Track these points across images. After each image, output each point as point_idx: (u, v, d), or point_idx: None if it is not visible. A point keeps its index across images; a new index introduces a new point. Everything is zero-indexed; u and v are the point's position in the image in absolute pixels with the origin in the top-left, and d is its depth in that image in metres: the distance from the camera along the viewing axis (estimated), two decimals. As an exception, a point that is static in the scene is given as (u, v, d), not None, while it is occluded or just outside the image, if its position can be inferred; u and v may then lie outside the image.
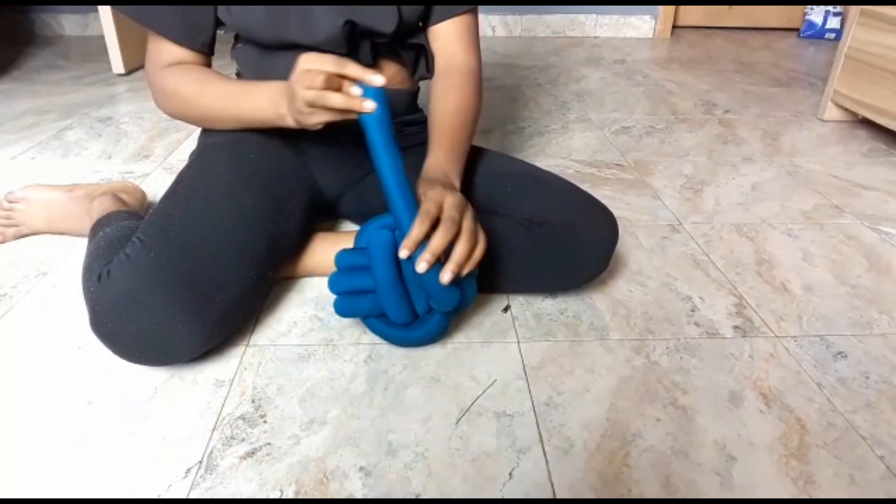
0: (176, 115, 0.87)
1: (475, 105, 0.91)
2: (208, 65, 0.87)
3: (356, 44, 0.84)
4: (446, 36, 0.92)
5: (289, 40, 0.82)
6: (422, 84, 1.01)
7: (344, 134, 0.91)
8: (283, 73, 0.84)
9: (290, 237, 0.86)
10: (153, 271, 0.71)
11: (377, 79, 0.66)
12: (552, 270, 0.87)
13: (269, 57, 0.86)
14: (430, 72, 0.94)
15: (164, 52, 0.84)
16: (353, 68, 0.67)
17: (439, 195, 0.72)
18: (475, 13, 0.93)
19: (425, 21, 0.91)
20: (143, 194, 1.10)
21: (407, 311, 0.76)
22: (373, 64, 0.87)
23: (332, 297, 0.91)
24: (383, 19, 0.81)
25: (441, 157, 0.83)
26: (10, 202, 1.05)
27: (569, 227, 0.84)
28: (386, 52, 0.89)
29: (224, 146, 0.86)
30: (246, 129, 0.85)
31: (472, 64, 0.93)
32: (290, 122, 0.76)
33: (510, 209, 0.87)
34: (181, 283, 0.71)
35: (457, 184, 0.81)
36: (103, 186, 1.05)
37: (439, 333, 0.80)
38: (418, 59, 0.92)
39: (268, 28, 0.82)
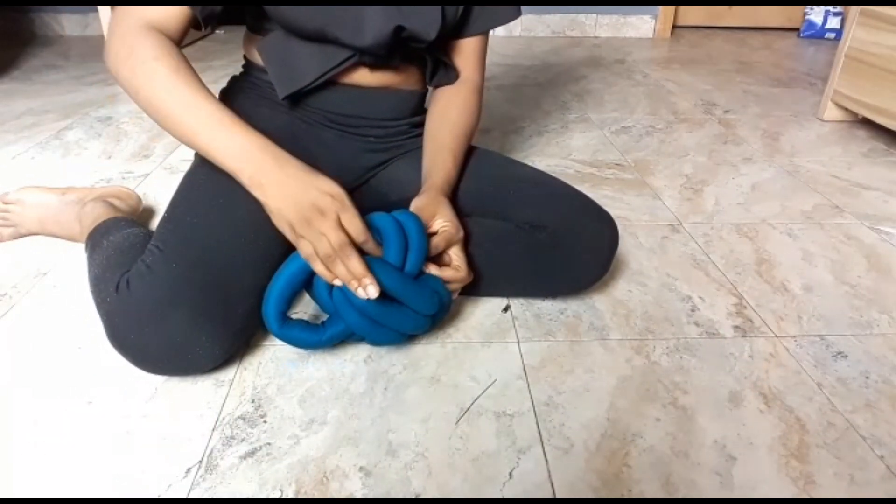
0: (126, 84, 0.72)
1: (476, 119, 0.96)
2: (186, 32, 0.78)
3: (396, 48, 0.83)
4: (463, 50, 0.94)
5: (331, 36, 0.80)
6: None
7: (347, 137, 0.92)
8: (310, 61, 0.83)
9: None
10: (176, 283, 0.70)
11: (371, 291, 0.69)
12: (552, 275, 0.87)
13: (297, 47, 0.83)
14: (452, 80, 0.94)
15: (150, 8, 0.73)
16: (366, 254, 0.71)
17: (454, 241, 0.79)
18: (488, 33, 0.96)
19: (457, 33, 0.92)
20: (138, 200, 1.10)
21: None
22: (399, 67, 0.88)
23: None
24: (428, 26, 0.81)
25: (453, 171, 0.87)
26: (5, 203, 1.05)
27: (569, 233, 0.84)
28: (412, 57, 0.89)
29: None
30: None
31: (479, 80, 0.97)
32: (245, 182, 0.70)
33: (511, 213, 0.87)
34: (205, 294, 0.71)
35: (442, 189, 0.84)
36: (96, 191, 1.05)
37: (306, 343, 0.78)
38: (437, 69, 0.93)
39: (313, 22, 0.79)
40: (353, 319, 0.73)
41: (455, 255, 0.80)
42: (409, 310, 0.74)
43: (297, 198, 0.68)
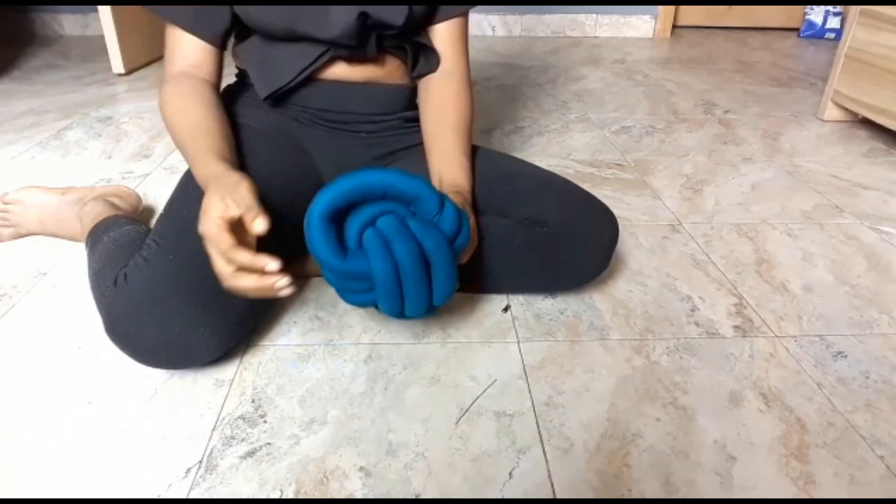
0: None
1: (473, 110, 0.94)
2: (220, 61, 0.86)
3: (365, 37, 0.84)
4: (442, 37, 0.92)
5: (301, 33, 0.81)
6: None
7: (339, 134, 0.92)
8: (288, 65, 0.85)
9: (299, 235, 0.86)
10: (173, 274, 0.71)
11: (259, 224, 0.64)
12: (553, 270, 0.88)
13: (274, 48, 0.85)
14: (434, 68, 0.94)
15: (178, 46, 0.82)
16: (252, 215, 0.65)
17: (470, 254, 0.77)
18: (467, 17, 0.95)
19: (429, 19, 0.91)
20: (138, 199, 1.10)
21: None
22: (377, 57, 0.88)
23: (332, 296, 0.91)
24: (394, 12, 0.81)
25: (458, 171, 0.84)
26: (5, 204, 1.05)
27: (569, 227, 0.84)
28: (389, 47, 0.89)
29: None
30: (251, 130, 0.87)
31: (465, 69, 0.95)
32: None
33: (511, 209, 0.87)
34: (201, 285, 0.71)
35: (469, 196, 0.83)
36: (96, 190, 1.05)
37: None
38: (418, 56, 0.92)
39: (281, 20, 0.81)
40: (379, 266, 0.67)
41: None
42: (428, 288, 0.70)
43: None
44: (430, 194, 0.69)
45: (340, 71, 0.88)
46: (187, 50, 0.83)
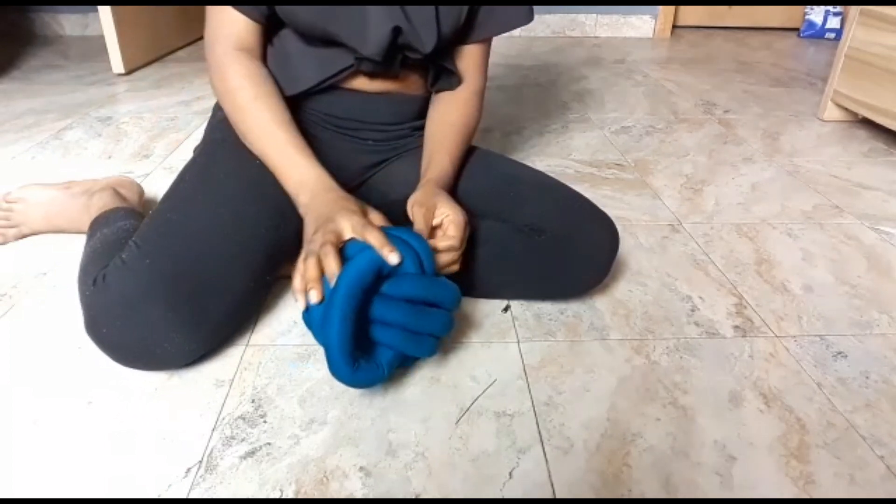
0: (221, 105, 0.85)
1: (478, 121, 0.95)
2: (265, 43, 0.86)
3: (393, 54, 0.83)
4: (466, 56, 0.93)
5: (334, 36, 0.81)
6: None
7: (345, 139, 0.92)
8: (308, 71, 0.85)
9: (291, 242, 0.86)
10: (148, 278, 0.71)
11: (393, 258, 0.68)
12: (551, 278, 0.87)
13: (297, 51, 0.85)
14: (454, 87, 0.94)
15: (226, 23, 0.81)
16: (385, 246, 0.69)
17: (464, 227, 0.77)
18: (490, 39, 0.95)
19: (459, 41, 0.91)
20: (141, 189, 1.10)
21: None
22: (398, 74, 0.87)
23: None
24: (424, 38, 0.81)
25: (450, 168, 0.86)
26: (7, 203, 1.04)
27: (569, 236, 0.84)
28: (412, 65, 0.89)
29: (230, 146, 0.85)
30: None
31: (481, 83, 0.96)
32: (300, 206, 0.78)
33: (511, 215, 0.86)
34: (176, 290, 0.71)
35: (436, 185, 0.83)
36: (101, 182, 1.05)
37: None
38: (439, 75, 0.92)
39: (316, 20, 0.80)
40: (393, 339, 0.70)
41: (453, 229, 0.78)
42: (437, 310, 0.72)
43: (330, 208, 0.73)
44: (379, 256, 0.68)
45: (360, 82, 0.87)
46: (237, 29, 0.81)
